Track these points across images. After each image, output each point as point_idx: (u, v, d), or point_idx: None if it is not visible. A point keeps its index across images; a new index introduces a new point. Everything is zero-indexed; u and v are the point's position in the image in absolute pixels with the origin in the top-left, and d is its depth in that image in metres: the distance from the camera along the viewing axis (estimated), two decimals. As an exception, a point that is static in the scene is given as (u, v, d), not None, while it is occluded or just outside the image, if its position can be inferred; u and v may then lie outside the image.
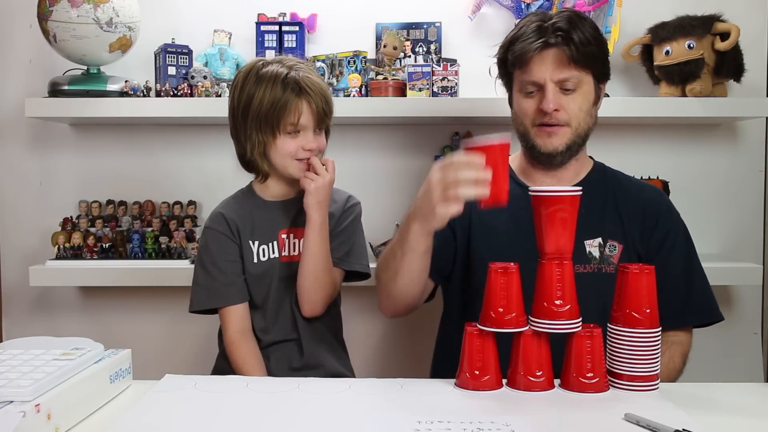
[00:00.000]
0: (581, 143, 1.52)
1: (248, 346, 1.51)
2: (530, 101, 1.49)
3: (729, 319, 2.18)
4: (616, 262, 1.48)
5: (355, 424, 1.04)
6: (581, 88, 1.47)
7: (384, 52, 2.05)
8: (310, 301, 1.49)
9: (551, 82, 1.46)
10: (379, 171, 2.17)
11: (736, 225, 2.18)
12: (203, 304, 1.54)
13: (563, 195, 1.17)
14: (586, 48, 1.45)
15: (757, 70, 2.10)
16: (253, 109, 1.46)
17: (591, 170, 1.59)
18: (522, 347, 1.18)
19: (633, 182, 1.61)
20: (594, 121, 1.54)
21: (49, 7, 1.90)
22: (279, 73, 1.47)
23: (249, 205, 1.57)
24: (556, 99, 1.46)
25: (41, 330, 2.14)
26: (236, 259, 1.53)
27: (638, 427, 1.02)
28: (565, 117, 1.47)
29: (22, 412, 0.92)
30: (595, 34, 1.48)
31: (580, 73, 1.46)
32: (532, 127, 1.50)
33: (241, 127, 1.50)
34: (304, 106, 1.46)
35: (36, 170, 2.19)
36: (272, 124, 1.46)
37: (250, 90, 1.47)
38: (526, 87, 1.49)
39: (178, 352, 2.17)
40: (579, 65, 1.45)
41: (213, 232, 1.54)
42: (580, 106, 1.48)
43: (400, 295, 1.48)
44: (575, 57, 1.44)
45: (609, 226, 1.51)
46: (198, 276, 1.55)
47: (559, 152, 1.50)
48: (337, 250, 1.54)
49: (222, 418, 1.06)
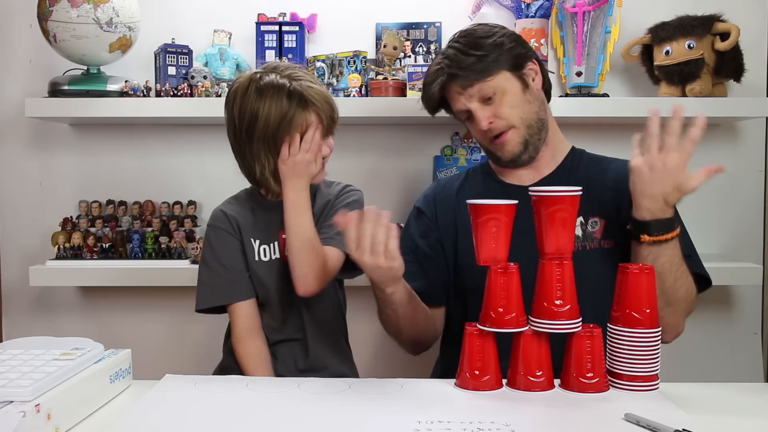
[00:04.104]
0: (538, 131, 1.54)
1: (255, 344, 1.50)
2: (472, 125, 1.55)
3: (729, 319, 2.19)
4: (599, 237, 1.50)
5: (355, 424, 1.04)
6: (499, 89, 1.50)
7: (384, 52, 2.05)
8: (299, 275, 1.43)
9: (472, 104, 1.50)
10: (379, 171, 2.17)
11: (736, 225, 2.18)
12: (208, 302, 1.53)
13: (563, 195, 1.17)
14: (473, 64, 1.48)
15: (757, 70, 2.10)
16: (259, 128, 1.42)
17: (568, 154, 1.61)
18: (522, 347, 1.18)
19: (610, 160, 1.62)
20: (539, 103, 1.55)
21: (49, 7, 1.90)
22: (281, 85, 1.43)
23: (251, 204, 1.56)
24: (484, 113, 1.50)
25: (41, 330, 2.14)
26: (239, 255, 1.52)
27: (638, 427, 1.02)
28: (502, 123, 1.51)
29: (22, 412, 0.92)
30: (487, 42, 1.50)
31: (487, 81, 1.49)
32: (488, 144, 1.55)
33: (245, 146, 1.46)
34: (313, 118, 1.44)
35: (36, 170, 2.19)
36: (280, 142, 1.43)
37: (252, 107, 1.42)
38: (461, 116, 1.56)
39: (178, 352, 2.17)
40: (480, 78, 1.49)
41: (214, 229, 1.54)
42: (509, 105, 1.50)
43: (415, 338, 1.55)
44: (470, 77, 1.48)
45: (589, 203, 1.48)
46: (202, 274, 1.54)
47: (518, 153, 1.53)
48: (330, 229, 1.48)
49: (222, 418, 1.06)
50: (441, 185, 1.69)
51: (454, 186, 1.65)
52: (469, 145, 2.13)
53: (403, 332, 1.51)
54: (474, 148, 2.12)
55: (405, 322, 1.47)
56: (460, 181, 1.66)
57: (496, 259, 1.19)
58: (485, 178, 1.63)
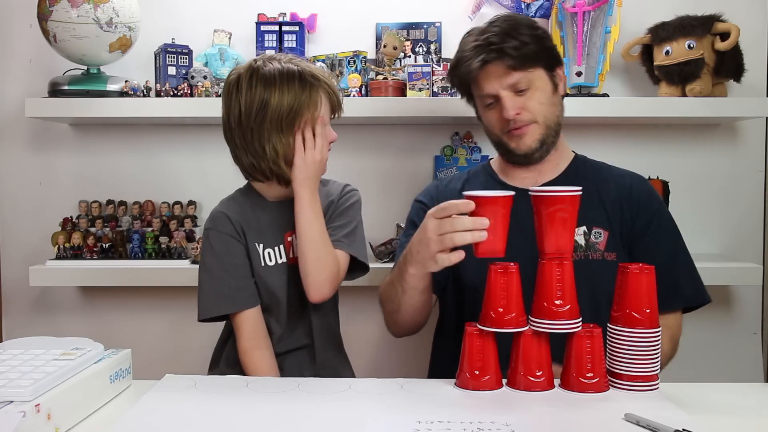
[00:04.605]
0: (554, 134, 1.54)
1: (262, 354, 1.44)
2: (493, 112, 1.54)
3: (729, 319, 2.19)
4: (603, 248, 1.49)
5: (355, 424, 1.04)
6: (534, 83, 1.50)
7: (384, 52, 2.05)
8: (316, 282, 1.40)
9: (504, 90, 1.49)
10: (379, 171, 2.17)
11: (736, 225, 2.18)
12: (212, 311, 1.45)
13: (563, 195, 1.17)
14: (522, 51, 1.47)
15: (757, 70, 2.10)
16: (272, 111, 1.38)
17: (572, 161, 1.61)
18: (522, 347, 1.18)
19: (614, 170, 1.62)
20: (561, 108, 1.56)
21: (49, 7, 1.90)
22: (290, 69, 1.41)
23: (251, 205, 1.50)
24: (514, 103, 1.49)
25: (41, 330, 2.14)
26: (245, 261, 1.46)
27: (638, 427, 1.02)
28: (528, 116, 1.50)
29: (22, 412, 0.92)
30: (530, 32, 1.50)
31: (527, 72, 1.49)
32: (503, 134, 1.54)
33: (254, 134, 1.40)
34: (324, 97, 1.43)
35: (36, 170, 2.19)
36: (293, 124, 1.40)
37: (261, 94, 1.39)
38: (484, 100, 1.54)
39: (178, 352, 2.17)
40: (522, 67, 1.48)
41: (217, 233, 1.46)
42: (539, 101, 1.51)
43: (406, 323, 1.53)
44: (514, 64, 1.47)
45: (593, 214, 1.51)
46: (204, 282, 1.46)
47: (534, 149, 1.53)
48: (337, 232, 1.47)
49: (222, 418, 1.06)
50: (444, 183, 1.69)
51: (457, 186, 1.65)
52: (469, 145, 2.13)
53: (401, 312, 1.47)
54: (474, 148, 2.11)
55: (407, 306, 1.44)
56: (462, 181, 1.66)
57: (494, 251, 1.19)
58: (487, 179, 1.63)
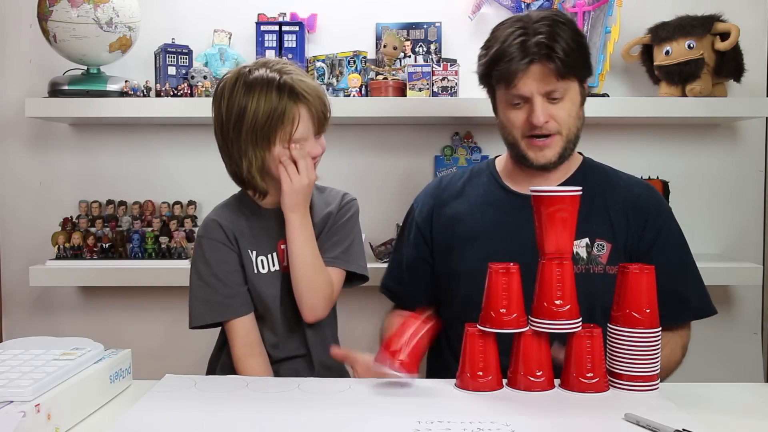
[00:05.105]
0: (573, 147, 1.51)
1: (257, 361, 1.43)
2: (518, 113, 1.46)
3: (729, 319, 2.19)
4: (605, 262, 1.46)
5: (355, 424, 1.04)
6: (568, 94, 1.45)
7: (384, 52, 2.05)
8: (309, 305, 1.42)
9: (539, 95, 1.43)
10: (379, 171, 2.17)
11: (736, 225, 2.18)
12: (204, 319, 1.44)
13: (563, 195, 1.17)
14: (570, 58, 1.40)
15: (757, 70, 2.10)
16: (247, 121, 1.35)
17: (579, 167, 1.57)
18: (522, 347, 1.18)
19: (622, 177, 1.58)
20: (582, 122, 1.52)
21: (49, 7, 1.90)
22: (270, 78, 1.36)
23: (244, 213, 1.48)
24: (545, 110, 1.43)
25: (41, 330, 2.14)
26: (237, 269, 1.44)
27: (638, 427, 1.02)
28: (555, 126, 1.46)
29: (22, 412, 0.92)
30: (576, 39, 1.44)
31: (566, 83, 1.44)
32: (522, 138, 1.48)
33: (233, 143, 1.38)
34: (303, 112, 1.37)
35: (36, 170, 2.19)
36: (269, 136, 1.35)
37: (240, 101, 1.35)
38: (512, 99, 1.46)
39: (178, 352, 2.17)
40: (564, 76, 1.42)
41: (209, 241, 1.45)
42: (569, 113, 1.46)
43: None
44: (561, 71, 1.40)
45: (597, 225, 1.48)
46: (196, 290, 1.45)
47: (552, 163, 1.49)
48: (333, 248, 1.46)
49: (222, 418, 1.06)
50: (442, 186, 1.65)
51: (455, 188, 1.62)
52: (469, 145, 2.13)
53: None
54: (474, 148, 2.11)
55: None
56: (463, 181, 1.63)
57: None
58: (489, 181, 1.59)
